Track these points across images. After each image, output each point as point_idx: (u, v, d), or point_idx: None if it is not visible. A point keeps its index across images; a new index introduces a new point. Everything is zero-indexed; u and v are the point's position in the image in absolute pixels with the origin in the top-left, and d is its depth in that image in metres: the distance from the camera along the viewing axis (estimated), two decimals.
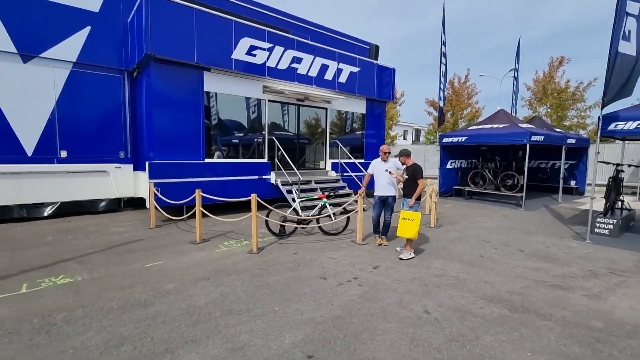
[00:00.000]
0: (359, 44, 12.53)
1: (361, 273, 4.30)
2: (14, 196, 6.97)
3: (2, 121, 6.75)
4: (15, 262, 4.60)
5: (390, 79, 11.60)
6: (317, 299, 3.52)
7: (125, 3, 7.76)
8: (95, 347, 2.60)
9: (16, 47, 6.76)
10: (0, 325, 2.92)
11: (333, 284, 3.94)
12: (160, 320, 3.03)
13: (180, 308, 3.26)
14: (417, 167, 5.19)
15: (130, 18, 7.76)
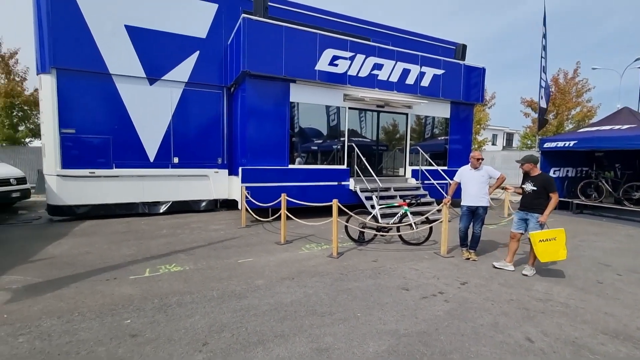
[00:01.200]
0: (444, 44, 11.90)
1: (447, 288, 4.03)
2: (139, 195, 8.45)
3: (133, 133, 8.27)
4: (140, 250, 5.55)
5: (479, 79, 10.70)
6: (399, 310, 3.42)
7: (227, 28, 8.82)
8: (201, 330, 2.98)
9: (145, 72, 8.25)
10: (131, 302, 3.55)
11: (416, 296, 3.78)
12: (253, 312, 3.31)
13: (269, 304, 3.51)
14: (547, 177, 4.57)
15: (230, 40, 8.79)
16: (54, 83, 7.47)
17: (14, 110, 15.79)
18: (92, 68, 7.75)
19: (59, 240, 6.02)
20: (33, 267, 4.62)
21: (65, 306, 3.40)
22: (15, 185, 8.86)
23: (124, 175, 8.24)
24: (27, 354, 2.58)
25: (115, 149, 8.11)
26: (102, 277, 4.23)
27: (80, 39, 7.59)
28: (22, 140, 16.35)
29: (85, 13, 7.59)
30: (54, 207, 7.76)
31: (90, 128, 7.90)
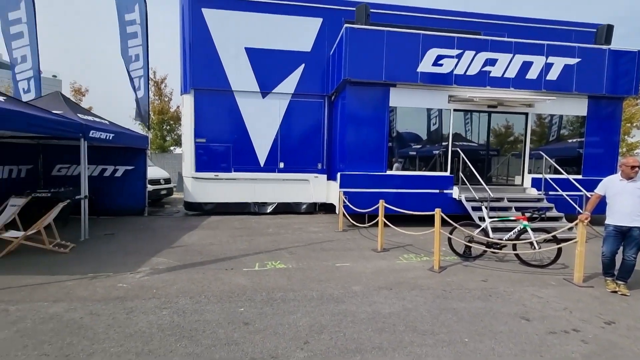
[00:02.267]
0: (579, 28, 9.93)
1: (585, 325, 3.29)
2: (251, 196, 9.54)
3: (248, 141, 9.40)
4: (252, 245, 6.23)
5: (631, 66, 8.53)
6: (518, 342, 2.95)
7: (330, 39, 9.24)
8: (302, 328, 3.13)
9: (259, 87, 9.30)
10: (244, 292, 3.99)
11: (541, 329, 3.19)
12: (350, 319, 3.32)
13: (367, 312, 3.48)
14: None
15: (332, 51, 9.18)
16: (192, 101, 9.09)
17: (163, 125, 19.84)
18: (219, 87, 9.14)
19: (191, 232, 7.24)
20: (173, 252, 5.66)
21: (195, 288, 4.04)
22: (163, 185, 11.09)
23: (240, 178, 9.42)
24: (168, 325, 3.16)
25: (234, 156, 9.36)
26: (222, 267, 4.90)
27: (212, 63, 9.04)
28: (168, 148, 20.39)
29: (216, 41, 9.01)
30: (189, 204, 9.40)
31: (216, 138, 9.31)
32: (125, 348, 2.74)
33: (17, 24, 8.23)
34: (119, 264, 4.93)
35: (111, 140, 7.04)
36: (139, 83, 8.70)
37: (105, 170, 8.75)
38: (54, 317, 3.25)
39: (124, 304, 3.57)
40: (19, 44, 8.32)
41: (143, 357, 2.63)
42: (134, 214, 8.88)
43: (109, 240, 6.32)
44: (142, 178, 8.98)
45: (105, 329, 3.04)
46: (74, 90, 19.40)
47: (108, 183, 8.73)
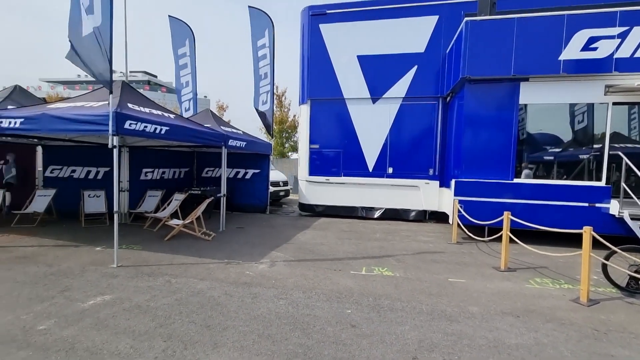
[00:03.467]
0: None
1: None
2: (359, 200, 9.70)
3: (358, 147, 9.61)
4: (359, 249, 6.31)
5: None
6: None
7: (446, 37, 8.65)
8: (411, 342, 2.99)
9: (370, 93, 9.42)
10: (351, 294, 4.07)
11: None
12: (466, 342, 3.00)
13: (487, 338, 3.08)
14: None
15: (448, 49, 8.56)
16: (308, 111, 9.87)
17: (283, 133, 22.16)
18: (332, 96, 9.66)
19: (304, 231, 7.83)
20: (289, 248, 6.23)
21: (307, 284, 4.35)
22: (282, 187, 12.34)
23: (349, 182, 9.71)
24: (284, 314, 3.48)
25: (344, 161, 9.71)
26: (331, 267, 5.12)
27: (326, 75, 9.64)
28: (287, 154, 22.64)
29: (331, 53, 9.57)
30: (303, 205, 10.20)
31: (328, 144, 9.85)
32: (250, 328, 3.15)
33: (184, 57, 10.62)
34: (247, 254, 5.72)
35: (244, 147, 8.26)
36: (266, 98, 9.97)
37: (238, 173, 10.31)
38: (200, 292, 3.99)
39: (250, 289, 4.11)
40: (184, 72, 10.71)
41: (264, 339, 2.97)
42: (258, 211, 10.17)
43: (240, 233, 7.40)
44: (265, 180, 10.22)
45: (236, 309, 3.56)
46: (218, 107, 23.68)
47: (240, 184, 10.26)
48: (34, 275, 4.39)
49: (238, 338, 2.97)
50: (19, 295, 3.73)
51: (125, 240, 6.19)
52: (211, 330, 3.09)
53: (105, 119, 4.63)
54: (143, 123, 5.10)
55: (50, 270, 4.60)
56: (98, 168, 8.54)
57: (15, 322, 3.14)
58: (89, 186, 8.12)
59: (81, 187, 7.97)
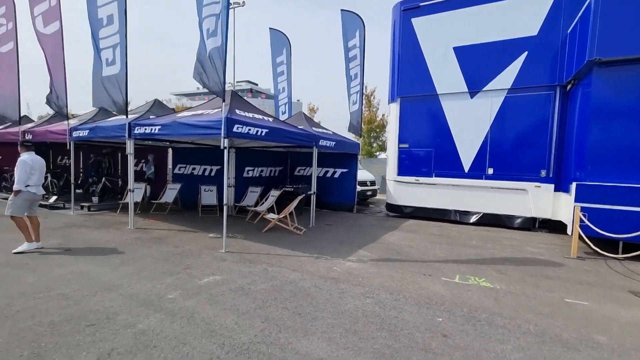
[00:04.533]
0: None
1: None
2: (452, 203, 9.00)
3: (452, 146, 8.92)
4: (451, 255, 5.88)
5: None
6: None
7: (568, 14, 7.34)
8: None
9: (467, 87, 8.65)
10: (442, 302, 3.82)
11: None
12: None
13: None
14: None
15: (570, 29, 7.26)
16: (397, 109, 9.62)
17: (371, 133, 22.04)
18: (423, 92, 9.20)
19: (392, 232, 7.67)
20: (376, 247, 6.18)
21: (394, 286, 4.26)
22: (369, 186, 12.31)
23: (440, 183, 9.10)
24: (370, 313, 3.48)
25: (435, 160, 9.14)
26: (420, 271, 4.90)
27: (418, 70, 9.22)
28: (374, 154, 22.46)
29: (423, 47, 9.12)
30: (390, 205, 9.99)
31: (418, 143, 9.41)
32: (337, 322, 3.26)
33: (281, 65, 11.53)
34: (334, 250, 5.90)
35: (333, 147, 8.53)
36: (356, 98, 10.07)
37: (328, 172, 10.69)
38: (292, 282, 4.30)
39: (338, 285, 4.24)
40: (281, 79, 11.63)
41: (350, 334, 3.04)
42: (345, 210, 10.36)
43: (328, 230, 7.67)
44: (353, 179, 10.34)
45: (324, 302, 3.73)
46: (309, 109, 24.97)
47: (329, 182, 10.62)
48: (166, 253, 5.38)
49: (326, 329, 3.10)
50: (155, 269, 4.63)
51: (231, 229, 7.07)
52: (302, 318, 3.30)
53: (219, 124, 5.36)
54: (247, 126, 5.74)
55: (176, 250, 5.57)
56: (212, 166, 9.96)
57: (152, 289, 3.91)
58: (204, 182, 9.54)
59: (199, 183, 9.41)
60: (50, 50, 7.66)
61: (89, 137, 7.67)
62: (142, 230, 6.87)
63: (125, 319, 3.16)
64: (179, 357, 2.60)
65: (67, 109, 8.04)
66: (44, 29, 7.41)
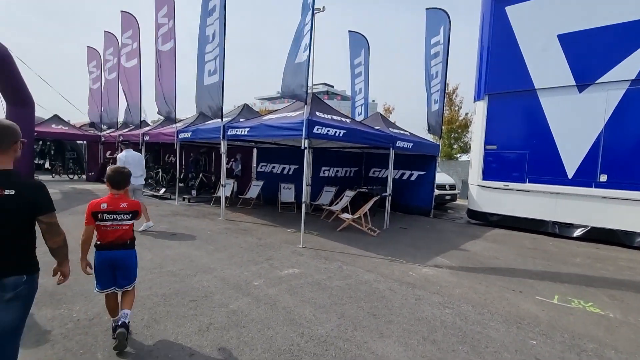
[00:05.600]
0: None
1: None
2: (550, 213, 7.89)
3: (552, 148, 7.83)
4: (547, 272, 5.18)
5: None
6: None
7: None
8: None
9: (575, 80, 7.48)
10: (537, 323, 3.41)
11: None
12: None
13: None
14: None
15: None
16: (484, 108, 8.82)
17: (451, 133, 20.63)
18: (517, 87, 8.27)
19: (474, 240, 7.09)
20: (455, 255, 5.80)
21: (477, 299, 3.95)
22: (448, 190, 11.56)
23: (536, 190, 8.06)
24: (450, 324, 3.30)
25: (530, 164, 8.13)
26: (508, 286, 4.44)
27: (511, 64, 8.32)
28: (454, 156, 20.96)
29: (519, 38, 8.19)
30: (473, 212, 9.23)
31: (508, 144, 8.50)
32: (414, 328, 3.17)
33: (359, 66, 11.61)
34: (410, 255, 5.72)
35: (410, 149, 8.25)
36: (437, 97, 9.56)
37: (404, 174, 10.38)
38: (366, 282, 4.31)
39: (414, 290, 4.12)
40: (358, 80, 11.71)
41: (428, 343, 2.93)
42: (421, 213, 9.92)
43: (403, 233, 7.46)
44: (431, 183, 9.85)
45: (400, 306, 3.66)
46: (385, 109, 24.49)
47: (404, 185, 10.30)
48: (250, 244, 5.91)
49: (402, 334, 3.05)
50: (242, 257, 5.12)
51: (307, 226, 7.35)
52: (377, 320, 3.30)
53: (301, 126, 5.67)
54: (327, 127, 5.94)
55: (259, 242, 6.07)
56: (290, 165, 10.55)
57: (240, 275, 4.34)
58: (283, 180, 10.15)
59: (279, 181, 10.06)
60: (165, 65, 9.07)
61: (191, 138, 8.85)
62: (230, 222, 7.65)
63: (219, 299, 3.58)
64: (264, 339, 2.85)
65: (175, 114, 9.40)
66: (161, 46, 8.82)
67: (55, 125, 13.62)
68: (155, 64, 9.18)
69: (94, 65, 14.85)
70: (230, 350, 2.67)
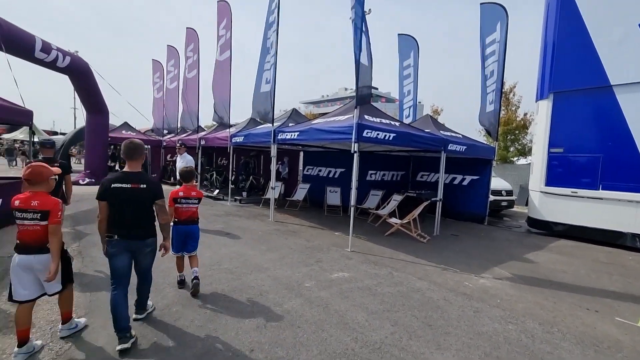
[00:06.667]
0: None
1: None
2: (630, 224, 7.01)
3: (632, 150, 6.95)
4: (627, 290, 4.61)
5: None
6: None
7: None
8: None
9: None
10: (618, 348, 3.05)
11: None
12: None
13: None
14: None
15: None
16: (549, 107, 8.11)
17: (507, 135, 19.24)
18: (588, 84, 7.50)
19: (536, 252, 6.53)
20: (516, 267, 5.39)
21: (544, 316, 3.63)
22: (504, 196, 10.79)
23: (611, 198, 7.22)
24: (515, 341, 3.07)
25: (604, 169, 7.31)
26: (580, 303, 4.03)
27: (581, 58, 7.57)
28: (510, 159, 19.52)
29: (591, 30, 7.43)
30: (534, 220, 8.51)
31: (577, 147, 7.72)
32: (474, 342, 3.01)
33: (408, 68, 11.35)
34: (463, 263, 5.44)
35: (463, 152, 7.87)
36: (492, 97, 8.99)
37: (455, 178, 9.90)
38: (419, 290, 4.18)
39: (471, 302, 3.91)
40: (407, 82, 11.45)
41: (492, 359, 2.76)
42: (473, 220, 9.38)
43: (454, 241, 7.12)
44: (485, 187, 9.28)
45: (457, 318, 3.49)
46: (432, 110, 23.60)
47: (455, 190, 9.82)
48: (299, 245, 6.03)
49: (462, 347, 2.91)
50: (292, 258, 5.25)
51: (354, 230, 7.31)
52: (433, 330, 3.19)
53: (350, 129, 5.69)
54: (376, 131, 5.89)
55: (307, 244, 6.18)
56: (336, 169, 10.60)
57: (292, 276, 4.45)
58: (329, 183, 10.24)
59: (325, 184, 10.16)
60: (220, 73, 9.66)
61: (244, 142, 9.30)
62: (279, 223, 7.89)
63: (273, 298, 3.71)
64: (319, 341, 2.90)
65: (229, 119, 9.95)
66: (219, 56, 9.42)
67: (125, 131, 15.12)
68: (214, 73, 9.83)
69: (157, 76, 16.26)
70: (287, 349, 2.75)
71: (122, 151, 2.80)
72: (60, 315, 2.81)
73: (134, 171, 2.75)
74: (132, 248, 2.73)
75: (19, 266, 2.42)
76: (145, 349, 2.66)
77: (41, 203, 2.42)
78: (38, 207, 2.40)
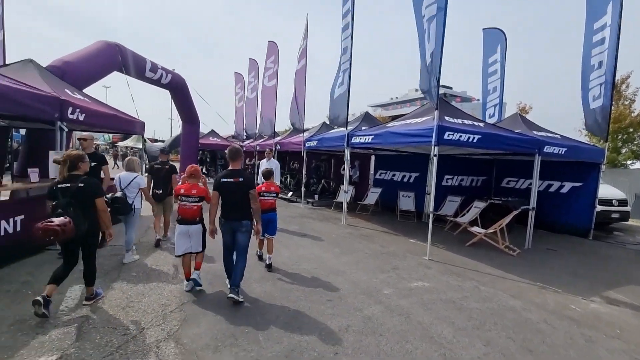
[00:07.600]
0: None
1: None
2: None
3: None
4: None
5: None
6: None
7: None
8: None
9: None
10: None
11: None
12: None
13: None
14: None
15: None
16: None
17: (618, 135, 16.28)
18: None
19: None
20: (635, 291, 4.51)
21: None
22: (615, 207, 9.13)
23: None
24: None
25: None
26: None
27: None
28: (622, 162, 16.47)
29: None
30: None
31: None
32: None
33: (494, 64, 10.39)
34: (565, 283, 4.74)
35: (563, 154, 6.89)
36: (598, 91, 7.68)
37: (551, 185, 8.70)
38: (512, 309, 3.77)
39: (580, 329, 3.38)
40: (492, 79, 10.47)
41: None
42: (574, 233, 8.12)
43: (552, 256, 6.26)
44: (590, 196, 7.97)
45: (564, 345, 3.05)
46: (519, 108, 21.19)
47: (551, 198, 8.63)
48: (374, 250, 5.95)
49: None
50: (368, 263, 5.19)
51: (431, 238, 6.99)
52: (534, 356, 2.84)
53: (430, 132, 5.43)
54: (458, 133, 5.51)
55: (382, 249, 6.05)
56: (410, 173, 10.22)
57: (369, 282, 4.39)
58: (403, 188, 9.90)
59: (397, 188, 9.87)
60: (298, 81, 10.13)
61: (317, 146, 9.57)
62: (352, 227, 7.89)
63: (352, 302, 3.72)
64: (404, 352, 2.80)
65: (303, 125, 10.34)
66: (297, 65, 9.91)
67: (212, 137, 16.82)
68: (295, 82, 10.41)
69: (239, 87, 17.74)
70: (372, 356, 2.72)
71: (227, 154, 3.70)
72: (194, 266, 3.94)
73: (235, 169, 3.63)
74: (234, 228, 3.61)
75: (180, 233, 3.72)
76: (241, 337, 2.88)
77: (198, 191, 3.73)
78: (196, 194, 3.71)
